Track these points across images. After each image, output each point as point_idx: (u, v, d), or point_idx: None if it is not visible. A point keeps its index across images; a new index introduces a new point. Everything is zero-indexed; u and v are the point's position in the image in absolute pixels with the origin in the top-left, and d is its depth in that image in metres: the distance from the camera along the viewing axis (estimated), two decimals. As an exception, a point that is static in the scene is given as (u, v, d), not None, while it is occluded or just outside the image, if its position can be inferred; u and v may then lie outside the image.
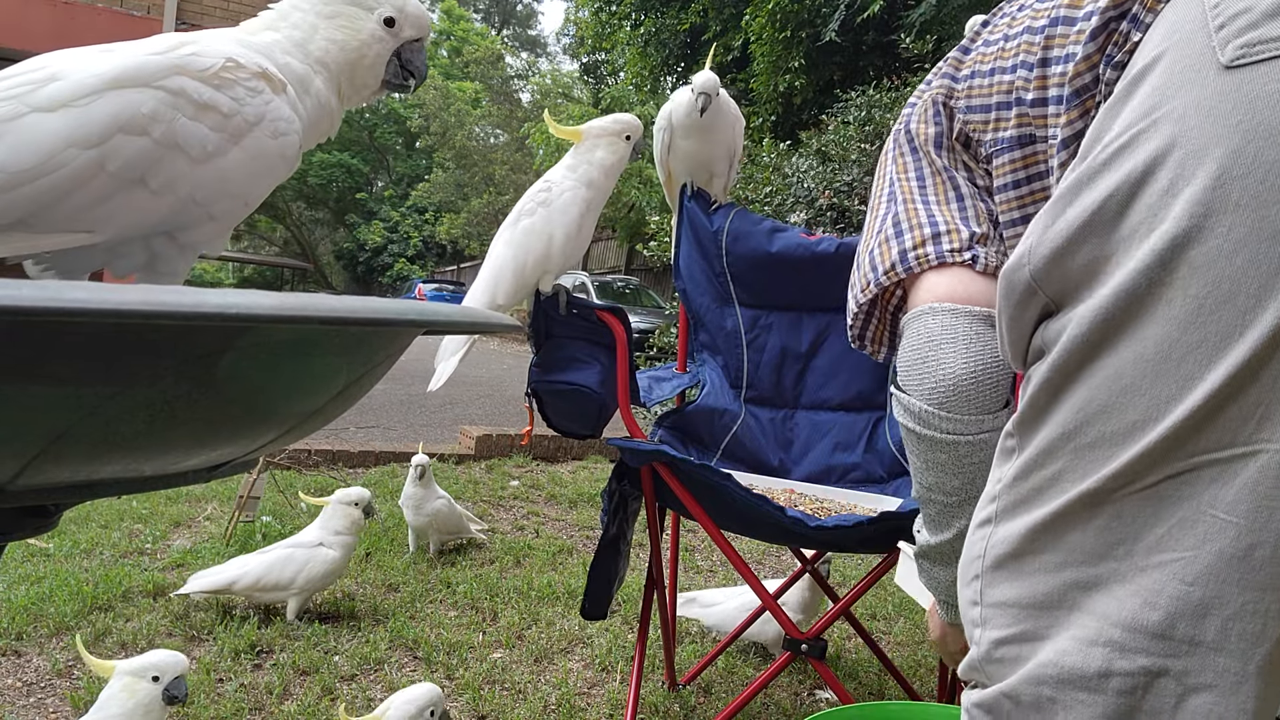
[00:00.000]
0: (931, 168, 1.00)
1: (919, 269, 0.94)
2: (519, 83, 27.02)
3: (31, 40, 7.17)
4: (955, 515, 0.95)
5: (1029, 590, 0.72)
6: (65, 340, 0.46)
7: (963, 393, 0.88)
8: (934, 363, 0.89)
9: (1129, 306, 0.66)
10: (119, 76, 0.76)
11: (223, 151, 0.81)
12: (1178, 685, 0.64)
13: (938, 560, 1.02)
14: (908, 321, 0.94)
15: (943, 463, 0.92)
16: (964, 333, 0.89)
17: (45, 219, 0.73)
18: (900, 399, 0.93)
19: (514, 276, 1.59)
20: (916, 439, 0.93)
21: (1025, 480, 0.73)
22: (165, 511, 3.31)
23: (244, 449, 0.65)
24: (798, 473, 1.97)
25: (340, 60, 0.94)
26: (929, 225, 0.95)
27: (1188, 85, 0.65)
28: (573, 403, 1.66)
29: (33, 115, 0.72)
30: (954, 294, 0.92)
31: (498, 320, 0.72)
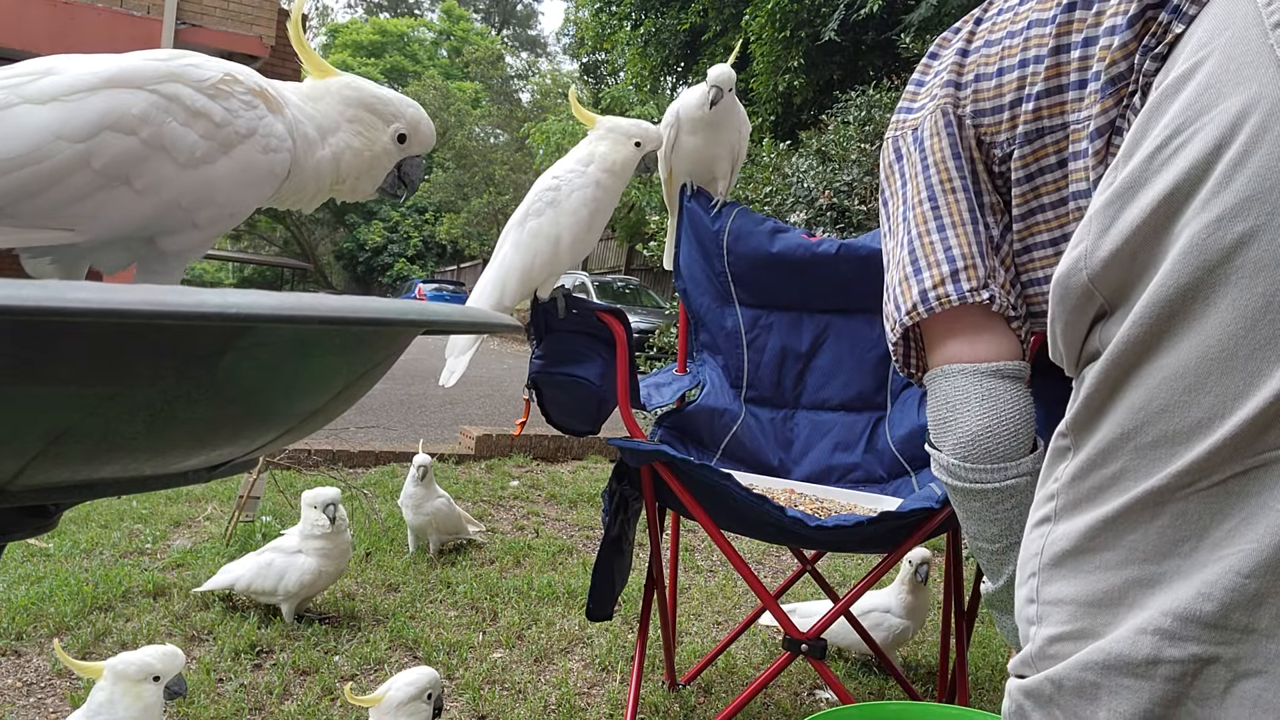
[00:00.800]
0: (945, 185, 1.00)
1: (940, 309, 0.97)
2: (519, 83, 27.02)
3: (31, 40, 7.18)
4: (1004, 561, 1.00)
5: (1088, 588, 0.72)
6: (66, 340, 0.46)
7: (982, 445, 0.94)
8: (953, 422, 0.96)
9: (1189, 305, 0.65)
10: (114, 76, 0.77)
11: (211, 159, 0.82)
12: (1228, 671, 0.64)
13: (1001, 607, 1.05)
14: (928, 383, 1.00)
15: (978, 510, 0.97)
16: (975, 391, 0.95)
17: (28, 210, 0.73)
18: (934, 455, 0.99)
19: (521, 279, 1.57)
20: (953, 491, 0.98)
21: (1084, 479, 0.73)
22: (165, 511, 3.31)
23: (244, 449, 0.65)
24: (798, 473, 1.97)
25: (352, 164, 0.98)
26: (947, 262, 0.97)
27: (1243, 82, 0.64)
28: (572, 395, 1.65)
29: (24, 106, 0.73)
30: (960, 353, 0.97)
31: (498, 319, 0.72)
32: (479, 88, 26.01)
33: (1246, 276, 0.62)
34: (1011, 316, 0.97)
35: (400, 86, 32.85)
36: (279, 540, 2.36)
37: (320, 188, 0.96)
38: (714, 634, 2.46)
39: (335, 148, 0.95)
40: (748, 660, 2.29)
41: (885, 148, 1.10)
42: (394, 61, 34.33)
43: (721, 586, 2.87)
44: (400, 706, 1.38)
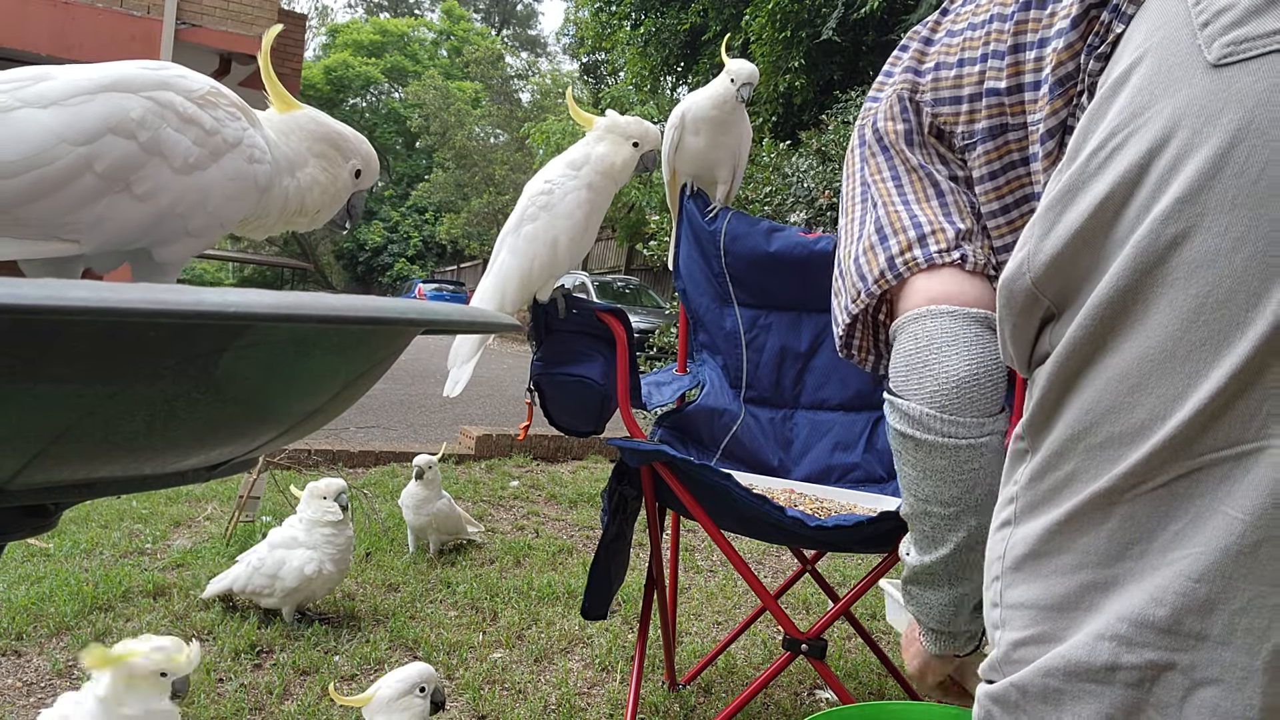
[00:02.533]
0: (905, 165, 0.98)
1: (908, 273, 0.92)
2: (519, 83, 27.03)
3: (31, 40, 7.18)
4: (951, 528, 0.93)
5: (1046, 591, 0.72)
6: (65, 339, 0.46)
7: (965, 394, 0.87)
8: (935, 365, 0.88)
9: (1129, 306, 0.66)
10: (111, 82, 0.78)
11: (203, 166, 0.83)
12: (1185, 679, 0.64)
13: (929, 582, 0.98)
14: (902, 325, 0.92)
15: (941, 469, 0.90)
16: (964, 334, 0.88)
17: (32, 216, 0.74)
18: (897, 404, 0.91)
19: (520, 285, 1.57)
20: (915, 445, 0.90)
21: (1040, 481, 0.73)
22: (165, 511, 3.31)
23: (244, 448, 0.65)
24: (797, 473, 1.97)
25: (318, 199, 1.00)
26: (913, 228, 0.93)
27: (1175, 84, 0.65)
28: (575, 395, 1.65)
29: (25, 110, 0.73)
30: (949, 295, 0.90)
31: (497, 319, 0.72)
32: (479, 88, 26.02)
33: (1181, 278, 0.63)
34: (992, 276, 0.92)
35: (400, 87, 32.88)
36: (274, 533, 2.33)
37: (284, 214, 0.98)
38: (714, 634, 2.46)
39: (304, 181, 0.97)
40: (748, 660, 2.29)
41: (852, 136, 1.09)
42: (394, 61, 34.33)
43: (721, 586, 2.87)
44: (391, 702, 1.38)
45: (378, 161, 1.07)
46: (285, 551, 2.24)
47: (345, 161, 1.01)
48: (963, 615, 0.98)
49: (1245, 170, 0.60)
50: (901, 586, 1.01)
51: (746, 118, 1.94)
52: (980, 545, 0.91)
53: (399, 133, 32.51)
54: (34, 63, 0.83)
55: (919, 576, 0.98)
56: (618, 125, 1.61)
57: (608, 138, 1.60)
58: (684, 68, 12.01)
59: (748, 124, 1.95)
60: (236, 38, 8.12)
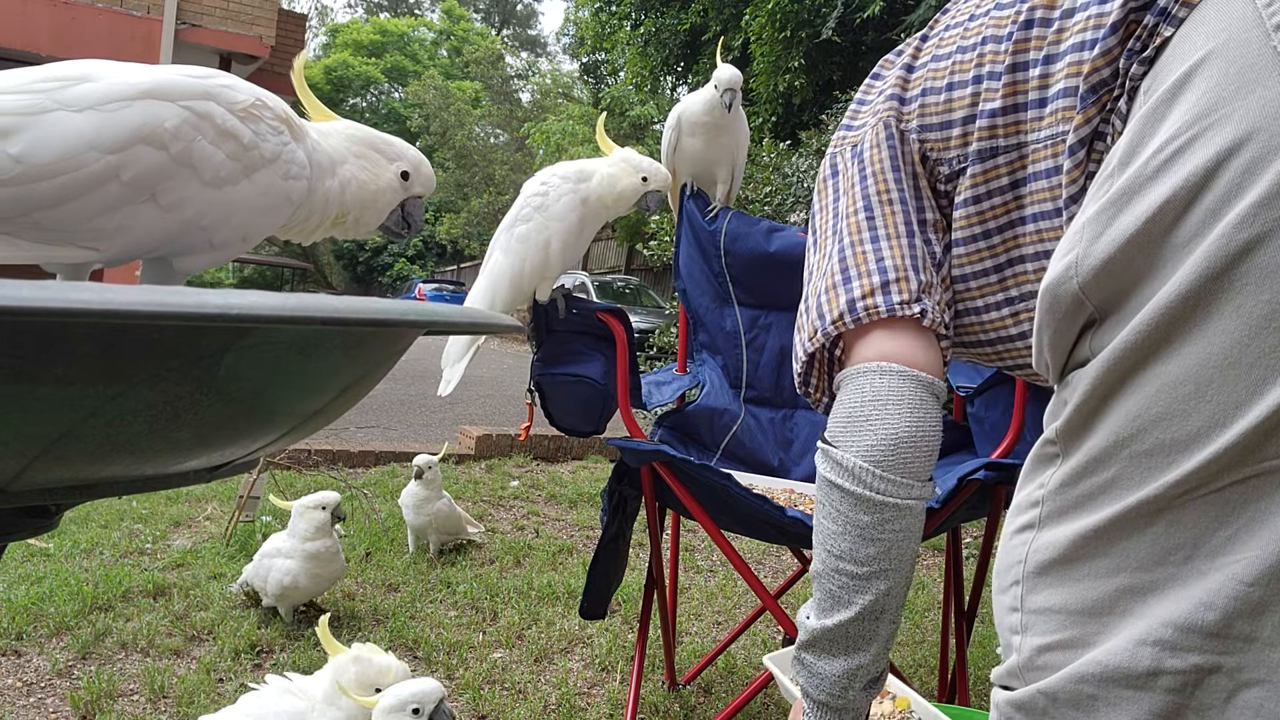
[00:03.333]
0: (882, 197, 0.96)
1: (867, 319, 0.92)
2: (519, 83, 27.03)
3: (31, 40, 7.18)
4: (860, 589, 0.91)
5: (1077, 596, 0.70)
6: (67, 341, 0.46)
7: (902, 454, 0.87)
8: (877, 421, 0.88)
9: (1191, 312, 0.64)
10: (151, 89, 0.77)
11: (234, 180, 0.82)
12: (1229, 681, 0.64)
13: (826, 649, 0.94)
14: (849, 376, 0.92)
15: (864, 525, 0.89)
16: (910, 396, 0.89)
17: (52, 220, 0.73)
18: (831, 454, 0.91)
19: (511, 286, 1.58)
20: (841, 497, 0.90)
21: (1074, 486, 0.72)
22: (165, 511, 3.31)
23: (245, 449, 0.65)
24: (797, 472, 1.97)
25: (358, 197, 0.99)
26: (878, 273, 0.93)
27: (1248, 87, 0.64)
28: (576, 395, 1.65)
29: (59, 113, 0.72)
30: (902, 354, 0.90)
31: (498, 320, 0.72)
32: (479, 88, 26.02)
33: (1252, 283, 0.62)
34: (942, 335, 0.93)
35: (400, 86, 32.87)
36: (274, 538, 2.35)
37: (325, 218, 0.97)
38: (714, 634, 2.46)
39: (343, 178, 0.97)
40: (748, 660, 2.29)
41: (823, 164, 1.07)
42: (394, 61, 34.33)
43: (721, 586, 2.88)
44: (384, 713, 1.37)
45: (429, 167, 1.06)
46: (269, 560, 2.27)
47: (389, 163, 1.00)
48: (855, 688, 0.94)
49: None
50: (794, 657, 0.97)
51: (744, 119, 1.94)
52: (886, 614, 0.92)
53: (399, 133, 32.41)
54: (34, 63, 0.82)
55: (816, 641, 0.94)
56: (632, 158, 1.63)
57: (617, 165, 1.62)
58: (684, 68, 12.00)
59: (745, 125, 1.96)
60: (236, 38, 8.12)
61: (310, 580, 2.23)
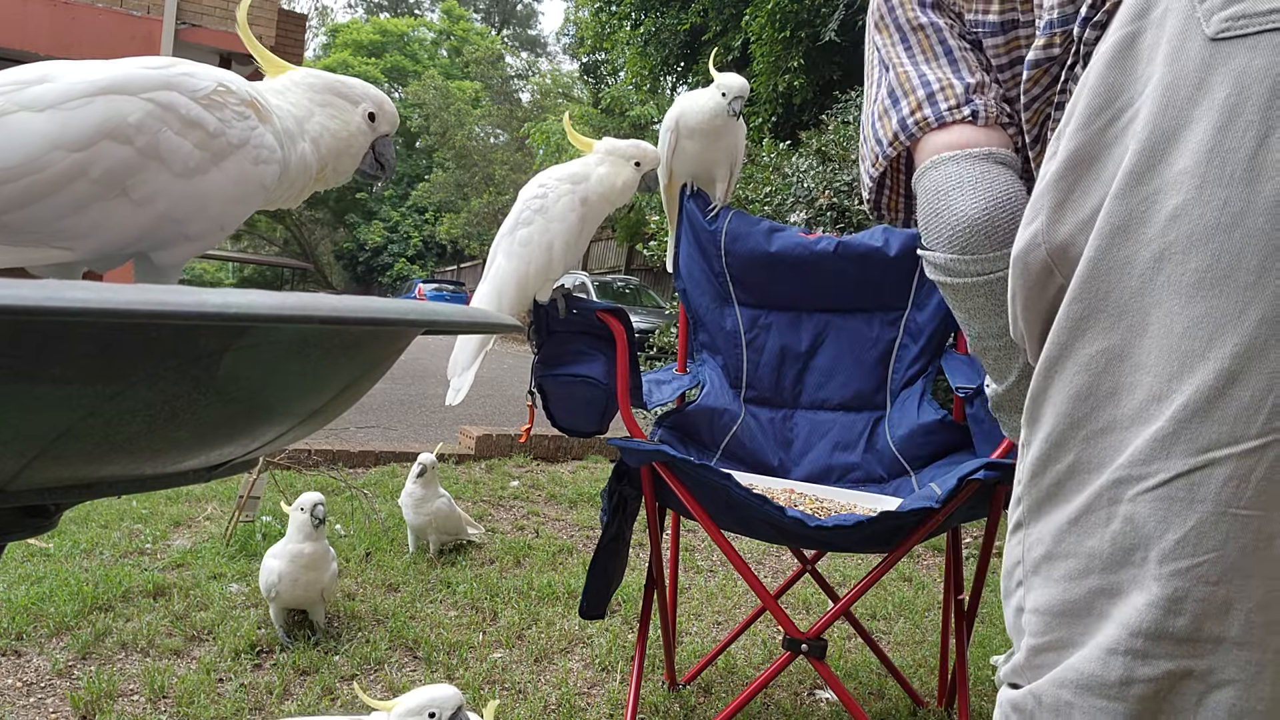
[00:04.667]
0: (913, 25, 0.97)
1: (920, 133, 0.93)
2: (519, 83, 27.03)
3: (31, 40, 7.18)
4: (1012, 357, 0.93)
5: (1060, 596, 0.71)
6: (66, 340, 0.46)
7: (980, 231, 0.87)
8: (946, 211, 0.88)
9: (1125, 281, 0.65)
10: (110, 84, 0.76)
11: (203, 170, 0.81)
12: (1200, 684, 0.64)
13: (1010, 409, 0.98)
14: (917, 180, 0.93)
15: (983, 306, 0.90)
16: (969, 175, 0.88)
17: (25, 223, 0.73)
18: (927, 258, 0.92)
19: (517, 289, 1.57)
20: (952, 291, 0.92)
21: (1043, 475, 0.72)
22: (165, 511, 3.31)
23: (244, 449, 0.65)
24: (797, 472, 1.97)
25: (331, 146, 0.98)
26: (922, 87, 0.94)
27: (1173, 57, 0.65)
28: (578, 395, 1.65)
29: (20, 114, 0.72)
30: (954, 143, 0.91)
31: (497, 320, 0.72)
32: (479, 88, 26.03)
33: (1181, 251, 0.63)
34: (1006, 124, 0.93)
35: (400, 86, 32.88)
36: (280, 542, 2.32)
37: (306, 181, 0.97)
38: (714, 634, 2.46)
39: (313, 133, 0.96)
40: (748, 660, 2.29)
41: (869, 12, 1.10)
42: (394, 61, 34.34)
43: (721, 586, 2.88)
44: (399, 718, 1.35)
45: (392, 104, 1.05)
46: (265, 561, 2.24)
47: (353, 106, 1.00)
48: None
49: (1241, 146, 0.60)
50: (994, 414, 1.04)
51: (742, 120, 1.94)
52: None
53: (399, 133, 32.45)
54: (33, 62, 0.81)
55: (1001, 403, 0.99)
56: (618, 148, 1.63)
57: (608, 160, 1.62)
58: (684, 68, 12.00)
59: (743, 125, 1.96)
60: (236, 38, 8.12)
61: (291, 584, 2.17)
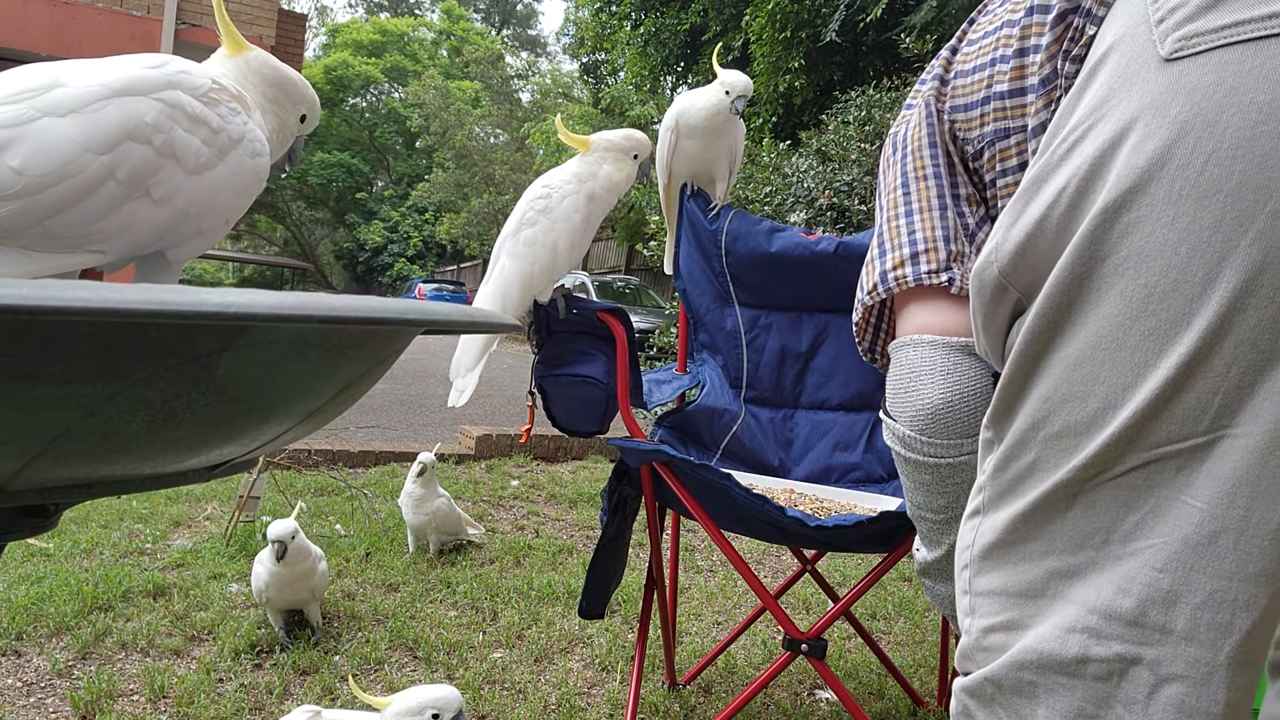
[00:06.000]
0: (918, 173, 1.01)
1: (898, 289, 0.98)
2: (519, 83, 27.03)
3: (31, 40, 7.18)
4: (944, 533, 0.99)
5: (1014, 579, 0.74)
6: (66, 339, 0.46)
7: (941, 419, 0.92)
8: (914, 392, 0.94)
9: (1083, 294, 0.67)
10: (124, 86, 0.77)
11: (211, 165, 0.83)
12: (1151, 675, 0.65)
13: (936, 577, 1.05)
14: (893, 350, 0.99)
15: (928, 483, 0.96)
16: (941, 364, 0.93)
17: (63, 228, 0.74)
18: (888, 424, 0.98)
19: (521, 289, 1.57)
20: (904, 461, 0.97)
21: (1005, 471, 0.75)
22: (165, 511, 3.31)
23: (244, 448, 0.65)
24: (797, 472, 1.97)
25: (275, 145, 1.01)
26: (908, 245, 0.98)
27: (1132, 79, 0.67)
28: (579, 395, 1.65)
29: (45, 120, 0.73)
30: (931, 325, 0.95)
31: (497, 319, 0.72)
32: (479, 88, 26.02)
33: (1131, 268, 0.65)
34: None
35: (400, 86, 32.89)
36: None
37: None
38: (714, 634, 2.46)
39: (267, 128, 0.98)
40: (748, 660, 2.29)
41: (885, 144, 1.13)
42: (394, 61, 34.34)
43: (721, 586, 2.87)
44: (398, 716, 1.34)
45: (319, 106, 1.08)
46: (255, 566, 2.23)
47: (294, 106, 1.02)
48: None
49: (1190, 162, 0.62)
50: (922, 580, 1.09)
51: (740, 118, 1.94)
52: None
53: (399, 133, 32.50)
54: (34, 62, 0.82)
55: (928, 570, 1.05)
56: (615, 143, 1.64)
57: (609, 157, 1.63)
58: (684, 68, 12.00)
59: (742, 124, 1.96)
60: (236, 38, 8.11)
61: (279, 590, 2.17)
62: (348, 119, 33.28)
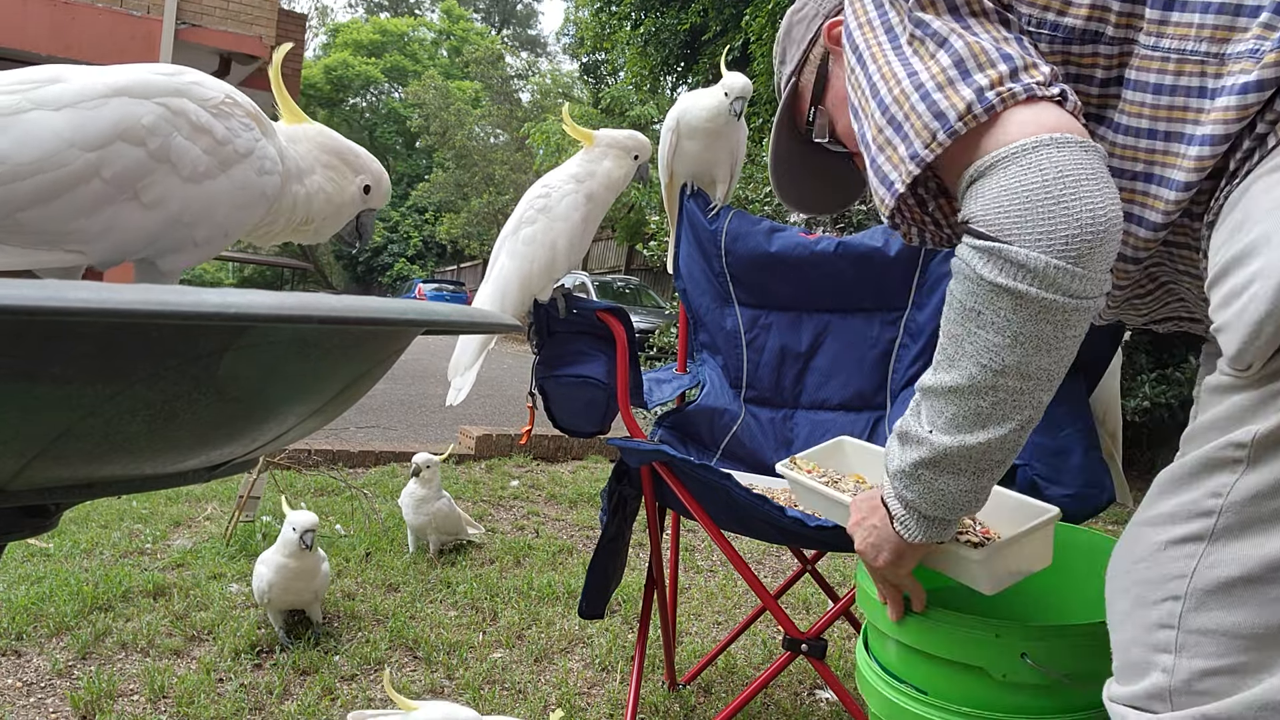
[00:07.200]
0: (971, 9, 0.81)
1: (1002, 107, 0.75)
2: (519, 83, 27.04)
3: (31, 40, 7.18)
4: (1019, 405, 0.77)
5: (1255, 620, 0.65)
6: (67, 339, 0.46)
7: (1104, 243, 0.71)
8: (1074, 203, 0.71)
9: None
10: (124, 87, 0.77)
11: (211, 176, 0.83)
12: None
13: (955, 468, 0.82)
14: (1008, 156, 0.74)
15: (1043, 336, 0.74)
16: (1098, 169, 0.73)
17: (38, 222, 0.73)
18: (1005, 251, 0.72)
19: (520, 287, 1.58)
20: (1017, 304, 0.73)
21: (1270, 500, 0.65)
22: (165, 511, 3.31)
23: (244, 448, 0.65)
24: (798, 473, 1.97)
25: (322, 207, 1.00)
26: (1002, 60, 0.76)
27: None
28: (580, 396, 1.66)
29: (37, 112, 0.73)
30: (1072, 126, 0.74)
31: (497, 319, 0.72)
32: (479, 88, 26.03)
33: None
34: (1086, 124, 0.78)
35: (400, 86, 32.90)
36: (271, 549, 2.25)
37: (290, 223, 0.98)
38: (714, 634, 2.46)
39: (310, 188, 0.98)
40: (748, 660, 2.29)
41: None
42: (394, 61, 34.35)
43: (721, 586, 2.87)
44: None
45: (388, 182, 1.07)
46: (257, 567, 2.22)
47: (354, 175, 1.01)
48: (975, 504, 0.84)
49: None
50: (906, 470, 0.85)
51: (743, 120, 1.94)
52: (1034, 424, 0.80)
53: (399, 133, 32.53)
54: (34, 63, 0.83)
55: (944, 461, 0.81)
56: (618, 141, 1.65)
57: (610, 154, 1.64)
58: (684, 68, 12.00)
59: (743, 125, 1.96)
60: (236, 38, 8.12)
61: (283, 591, 2.16)
62: (348, 119, 33.29)
